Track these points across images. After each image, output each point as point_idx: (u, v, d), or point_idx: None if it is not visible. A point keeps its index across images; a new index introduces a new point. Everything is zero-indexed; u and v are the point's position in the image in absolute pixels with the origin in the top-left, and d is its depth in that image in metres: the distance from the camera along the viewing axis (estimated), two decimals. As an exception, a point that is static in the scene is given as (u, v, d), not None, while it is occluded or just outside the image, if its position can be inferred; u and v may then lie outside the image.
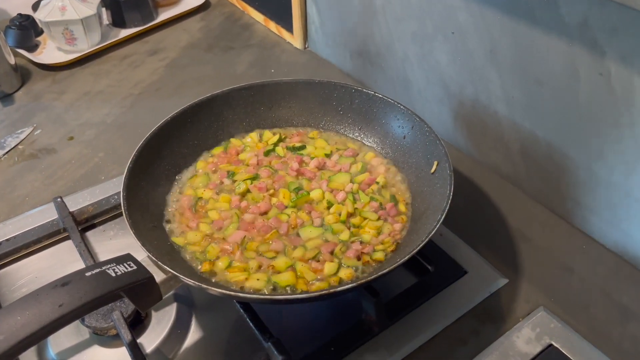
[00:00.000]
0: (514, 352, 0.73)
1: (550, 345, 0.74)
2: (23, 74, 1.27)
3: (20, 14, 1.37)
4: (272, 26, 1.35)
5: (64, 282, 0.64)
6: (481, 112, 0.96)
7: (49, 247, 0.91)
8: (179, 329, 0.79)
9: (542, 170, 0.91)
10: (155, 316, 0.80)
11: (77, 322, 0.77)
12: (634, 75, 0.71)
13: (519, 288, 0.82)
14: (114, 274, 0.66)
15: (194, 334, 0.79)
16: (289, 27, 1.28)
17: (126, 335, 0.74)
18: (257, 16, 1.38)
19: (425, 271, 0.85)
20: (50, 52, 1.35)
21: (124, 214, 0.75)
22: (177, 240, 0.80)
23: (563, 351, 0.73)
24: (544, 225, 0.91)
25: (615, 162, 0.79)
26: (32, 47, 1.35)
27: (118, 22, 1.42)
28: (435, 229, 0.71)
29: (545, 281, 0.83)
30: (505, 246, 0.88)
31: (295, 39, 1.28)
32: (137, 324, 0.79)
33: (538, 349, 0.73)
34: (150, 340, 0.77)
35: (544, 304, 0.79)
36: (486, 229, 0.91)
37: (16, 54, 1.30)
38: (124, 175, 0.80)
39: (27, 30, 1.34)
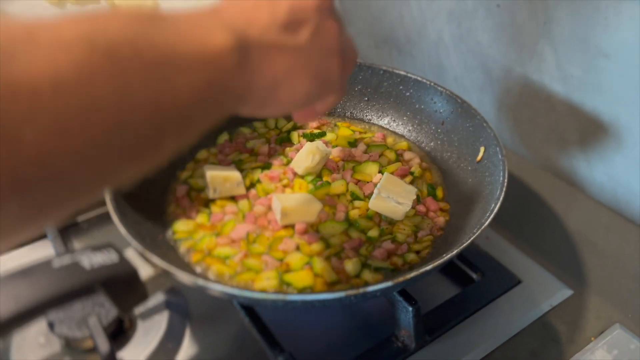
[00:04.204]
0: (588, 378, 0.58)
1: (634, 370, 0.59)
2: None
3: None
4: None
5: (25, 272, 0.52)
6: (531, 98, 0.83)
7: (23, 246, 0.78)
8: (169, 343, 0.66)
9: (608, 164, 0.78)
10: (141, 326, 0.67)
11: (46, 331, 0.65)
12: None
13: (587, 301, 0.68)
14: (88, 266, 0.54)
15: (187, 349, 0.65)
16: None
17: (103, 346, 0.60)
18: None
19: (470, 280, 0.70)
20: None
21: (106, 197, 0.62)
22: (175, 230, 0.67)
23: (651, 378, 0.58)
24: (610, 228, 0.77)
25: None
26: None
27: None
28: (489, 219, 0.59)
29: (618, 294, 0.68)
30: (565, 252, 0.74)
31: (313, 30, 1.17)
32: (119, 334, 0.66)
33: (618, 374, 0.59)
34: (133, 355, 0.65)
35: (620, 321, 0.65)
36: (541, 233, 0.77)
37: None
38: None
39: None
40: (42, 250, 0.76)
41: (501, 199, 0.61)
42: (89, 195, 0.36)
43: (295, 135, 0.81)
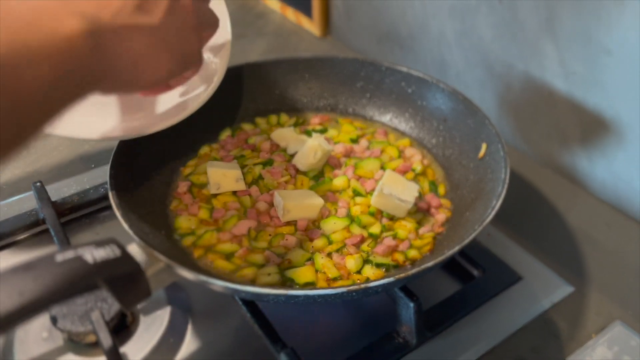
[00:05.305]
0: (589, 374, 0.59)
1: (634, 366, 0.59)
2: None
3: None
4: (290, 13, 1.24)
5: (28, 266, 0.52)
6: (532, 94, 0.83)
7: (24, 241, 0.78)
8: (171, 338, 0.66)
9: (610, 161, 0.77)
10: (143, 321, 0.67)
11: (49, 326, 0.65)
12: None
13: (588, 298, 0.68)
14: (91, 260, 0.53)
15: (189, 344, 0.65)
16: (308, 13, 1.17)
17: (106, 340, 0.60)
18: (273, 4, 1.28)
19: (471, 277, 0.71)
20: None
21: (109, 192, 0.63)
22: (178, 226, 0.67)
23: (651, 374, 0.58)
24: (611, 225, 0.77)
25: None
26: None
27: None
28: (491, 216, 0.59)
29: (619, 290, 0.69)
30: (566, 249, 0.74)
31: (314, 26, 1.17)
32: (122, 329, 0.66)
33: (618, 371, 0.59)
34: (136, 350, 0.64)
35: (621, 318, 0.65)
36: (542, 229, 0.77)
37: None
38: (113, 151, 0.67)
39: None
40: (44, 246, 0.76)
41: (503, 195, 0.62)
42: None
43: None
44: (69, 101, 0.45)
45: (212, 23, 0.60)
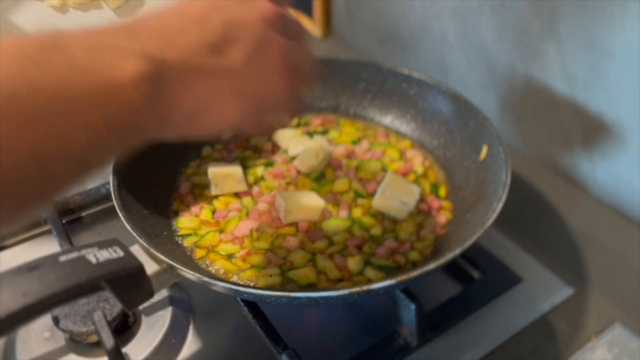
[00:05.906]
0: (589, 376, 0.59)
1: (634, 368, 0.59)
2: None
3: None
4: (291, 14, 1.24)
5: (32, 267, 0.52)
6: (535, 96, 0.83)
7: (27, 241, 0.78)
8: (173, 338, 0.66)
9: (611, 163, 0.78)
10: (145, 321, 0.67)
11: (51, 326, 0.65)
12: None
13: (588, 299, 0.68)
14: (94, 261, 0.54)
15: (191, 345, 0.65)
16: (309, 13, 1.17)
17: (108, 341, 0.60)
18: (274, 4, 1.28)
19: (471, 279, 0.71)
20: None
21: (111, 192, 0.63)
22: (179, 226, 0.67)
23: (651, 376, 0.58)
24: (612, 227, 0.77)
25: None
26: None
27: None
28: (492, 218, 0.60)
29: (619, 292, 0.69)
30: (567, 251, 0.74)
31: (315, 26, 1.17)
32: (124, 329, 0.66)
33: (619, 372, 0.59)
34: (138, 350, 0.64)
35: (621, 319, 0.65)
36: (543, 231, 0.77)
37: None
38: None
39: None
40: (46, 246, 0.77)
41: (504, 198, 0.62)
42: None
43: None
44: (106, 156, 0.38)
45: (307, 69, 0.49)
